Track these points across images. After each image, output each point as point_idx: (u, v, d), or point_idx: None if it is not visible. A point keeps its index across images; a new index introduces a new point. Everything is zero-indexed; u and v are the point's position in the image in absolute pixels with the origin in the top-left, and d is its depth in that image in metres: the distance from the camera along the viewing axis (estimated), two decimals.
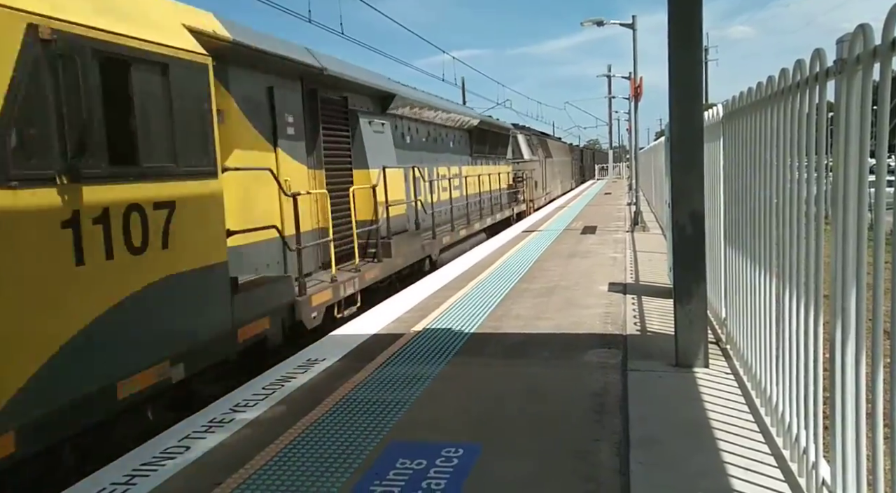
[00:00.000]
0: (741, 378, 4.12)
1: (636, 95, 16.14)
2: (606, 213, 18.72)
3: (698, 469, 2.97)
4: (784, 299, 3.05)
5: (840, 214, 2.28)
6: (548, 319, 6.14)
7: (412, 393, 4.22)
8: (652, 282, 7.64)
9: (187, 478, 3.21)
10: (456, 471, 3.10)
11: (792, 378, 2.93)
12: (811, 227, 2.71)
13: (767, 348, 3.45)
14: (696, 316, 4.36)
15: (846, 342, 2.25)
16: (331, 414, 3.92)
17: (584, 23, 16.71)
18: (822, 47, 2.54)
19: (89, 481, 3.24)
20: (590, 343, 5.19)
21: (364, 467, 3.19)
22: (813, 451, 2.66)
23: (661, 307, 6.17)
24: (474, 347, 5.33)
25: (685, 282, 4.42)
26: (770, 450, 3.14)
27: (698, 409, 3.68)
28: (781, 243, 3.12)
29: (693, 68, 4.34)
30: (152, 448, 3.57)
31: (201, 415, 4.05)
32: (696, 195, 4.38)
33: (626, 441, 3.32)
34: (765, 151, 3.43)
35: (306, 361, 5.12)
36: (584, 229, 14.25)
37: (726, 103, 4.57)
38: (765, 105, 3.40)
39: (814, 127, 2.66)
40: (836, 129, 2.33)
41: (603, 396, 4.00)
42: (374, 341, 5.64)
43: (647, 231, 13.20)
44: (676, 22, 4.28)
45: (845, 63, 2.25)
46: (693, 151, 4.38)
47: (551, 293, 7.34)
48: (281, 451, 3.42)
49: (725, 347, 4.79)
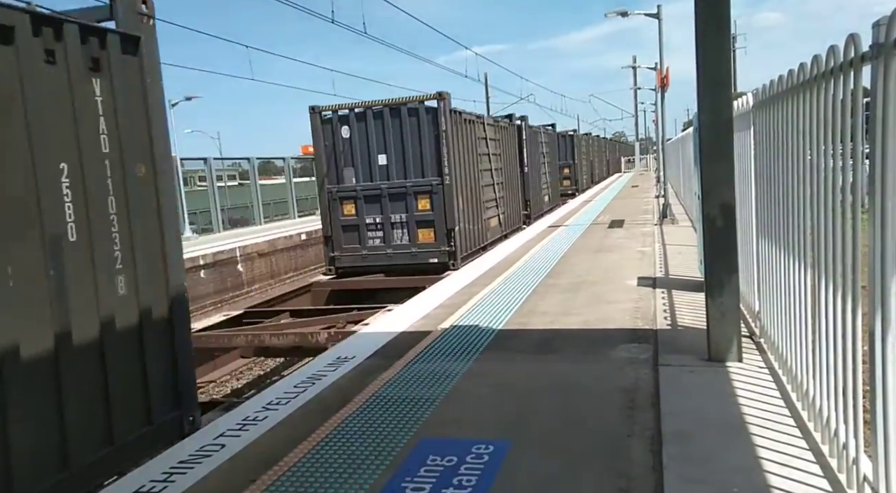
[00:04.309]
0: (776, 372, 4.03)
1: (663, 85, 15.90)
2: (634, 206, 18.48)
3: (733, 465, 2.92)
4: (820, 291, 2.98)
5: (877, 202, 2.22)
6: (576, 314, 6.10)
7: (441, 390, 4.23)
8: (682, 275, 7.53)
9: (223, 476, 3.26)
10: (487, 468, 3.10)
11: (830, 372, 2.86)
12: (847, 216, 2.64)
13: (804, 340, 3.37)
14: (728, 309, 4.29)
15: (886, 334, 2.19)
16: (361, 412, 3.95)
17: (608, 14, 16.54)
18: (856, 32, 2.48)
19: (128, 479, 3.32)
20: (619, 338, 5.13)
21: (395, 464, 3.21)
22: (853, 446, 2.60)
23: (692, 301, 6.08)
24: (502, 343, 5.31)
25: (717, 275, 4.34)
26: (808, 445, 3.07)
27: (732, 404, 3.62)
28: (816, 234, 3.04)
29: (721, 56, 4.25)
30: (189, 447, 3.64)
31: (235, 414, 4.12)
32: (727, 186, 4.30)
33: (658, 437, 3.28)
34: (798, 139, 3.35)
35: (336, 359, 5.17)
36: (612, 223, 14.11)
37: (756, 92, 4.48)
38: (797, 92, 3.32)
39: (849, 113, 2.59)
40: (871, 115, 2.26)
41: (634, 391, 3.96)
42: (402, 339, 5.66)
43: (676, 224, 13.01)
44: (704, 9, 4.20)
45: (882, 47, 2.18)
46: (722, 141, 4.30)
47: (579, 289, 7.28)
48: (313, 448, 3.46)
49: (759, 340, 4.70)
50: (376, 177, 11.98)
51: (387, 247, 12.09)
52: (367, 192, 12.00)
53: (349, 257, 12.30)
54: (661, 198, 15.12)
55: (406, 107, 11.79)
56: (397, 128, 11.83)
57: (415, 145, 11.83)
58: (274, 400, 4.29)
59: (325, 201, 12.20)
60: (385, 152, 11.93)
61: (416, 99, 11.94)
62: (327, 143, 12.04)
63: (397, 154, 11.88)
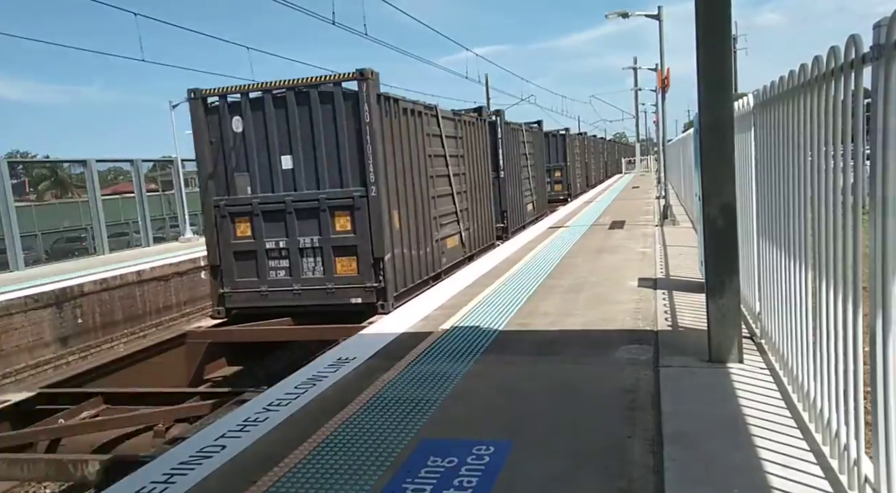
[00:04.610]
0: (777, 373, 4.03)
1: (663, 86, 15.90)
2: (635, 207, 18.49)
3: (734, 466, 2.92)
4: (821, 292, 2.98)
5: (878, 203, 2.22)
6: (577, 315, 6.10)
7: (442, 391, 4.23)
8: (683, 277, 7.53)
9: (224, 477, 3.26)
10: (487, 469, 3.09)
11: (831, 372, 2.86)
12: (848, 217, 2.64)
13: (804, 341, 3.37)
14: (729, 310, 4.28)
15: (887, 335, 2.19)
16: (362, 413, 3.95)
17: (609, 15, 16.54)
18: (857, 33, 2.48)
19: (130, 480, 3.32)
20: (620, 339, 5.13)
21: (396, 465, 3.21)
22: (854, 447, 2.60)
23: (693, 302, 6.08)
24: (503, 344, 5.31)
25: (717, 276, 4.34)
26: (809, 446, 3.07)
27: (733, 404, 3.61)
28: (817, 235, 3.04)
29: (722, 57, 4.25)
30: (190, 448, 3.64)
31: (236, 414, 4.12)
32: (728, 187, 4.30)
33: (659, 438, 3.28)
34: (799, 140, 3.35)
35: (337, 360, 5.17)
36: (612, 224, 14.11)
37: (757, 93, 4.48)
38: (798, 93, 3.32)
39: (850, 114, 2.59)
40: (872, 116, 2.27)
41: (635, 392, 3.96)
42: (403, 340, 5.66)
43: (677, 225, 13.01)
44: (705, 10, 4.21)
45: (883, 48, 2.18)
46: (723, 141, 4.30)
47: (580, 290, 7.28)
48: (314, 449, 3.46)
49: (760, 341, 4.70)
50: (279, 186, 8.96)
51: (294, 281, 8.95)
52: (266, 206, 8.91)
53: (244, 296, 9.11)
54: (661, 199, 15.12)
55: (317, 90, 8.73)
56: (306, 119, 8.80)
57: (330, 143, 8.77)
58: (275, 401, 4.29)
59: (210, 219, 9.12)
60: (291, 153, 8.90)
61: (331, 78, 8.76)
62: (213, 139, 9.07)
63: (307, 155, 8.86)
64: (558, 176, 29.08)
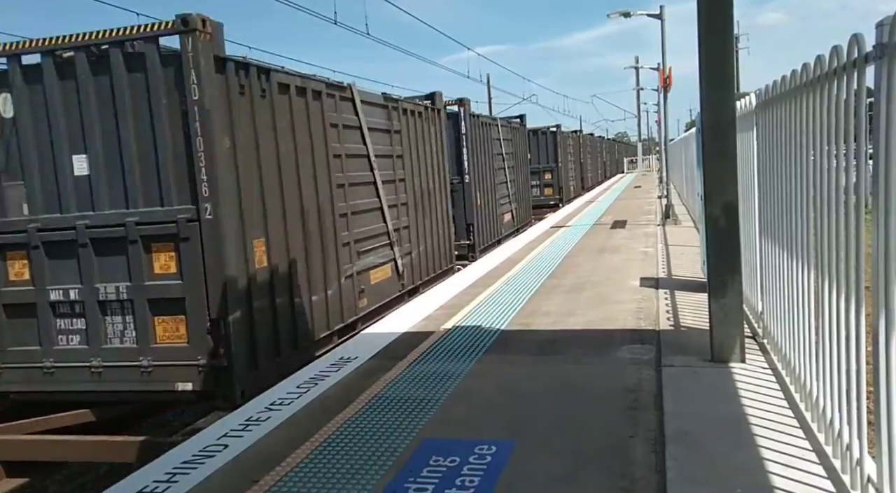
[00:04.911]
0: (779, 373, 4.03)
1: (665, 85, 15.88)
2: (636, 206, 18.47)
3: (736, 466, 2.92)
4: (824, 292, 2.97)
5: (881, 202, 2.22)
6: (579, 315, 6.09)
7: (444, 391, 4.23)
8: (685, 276, 7.52)
9: (226, 476, 3.27)
10: (489, 468, 3.09)
11: (833, 372, 2.85)
12: (850, 216, 2.63)
13: (807, 341, 3.37)
14: (731, 310, 4.28)
15: (890, 334, 2.18)
16: (364, 412, 3.95)
17: (611, 14, 16.52)
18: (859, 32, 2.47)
19: (132, 479, 3.33)
20: (622, 339, 5.13)
21: (398, 464, 3.21)
22: (857, 447, 2.59)
23: (695, 302, 6.07)
24: (505, 344, 5.31)
25: (719, 275, 4.34)
26: (811, 446, 3.06)
27: (735, 404, 3.61)
28: (820, 234, 3.04)
29: (724, 56, 4.25)
30: (192, 447, 3.65)
31: (238, 414, 4.13)
32: (730, 187, 4.30)
33: (661, 437, 3.28)
34: (801, 139, 3.35)
35: (339, 359, 5.18)
36: (614, 224, 14.10)
37: (759, 92, 4.48)
38: (800, 93, 3.32)
39: (852, 114, 2.59)
40: (875, 115, 2.26)
41: (637, 392, 3.96)
42: (405, 339, 5.67)
43: (679, 224, 13.00)
44: (706, 9, 4.20)
45: (886, 47, 2.18)
46: (725, 141, 4.30)
47: (582, 289, 7.28)
48: (316, 449, 3.47)
49: (762, 341, 4.70)
50: (70, 203, 5.84)
51: (93, 354, 5.82)
52: (51, 235, 5.84)
53: (19, 374, 5.99)
54: (663, 198, 15.11)
55: (122, 51, 5.61)
56: (107, 96, 5.70)
57: (144, 136, 5.68)
58: (277, 401, 4.29)
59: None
60: (86, 151, 5.79)
61: (143, 30, 5.59)
62: None
63: (110, 154, 5.76)
64: (548, 178, 26.19)
